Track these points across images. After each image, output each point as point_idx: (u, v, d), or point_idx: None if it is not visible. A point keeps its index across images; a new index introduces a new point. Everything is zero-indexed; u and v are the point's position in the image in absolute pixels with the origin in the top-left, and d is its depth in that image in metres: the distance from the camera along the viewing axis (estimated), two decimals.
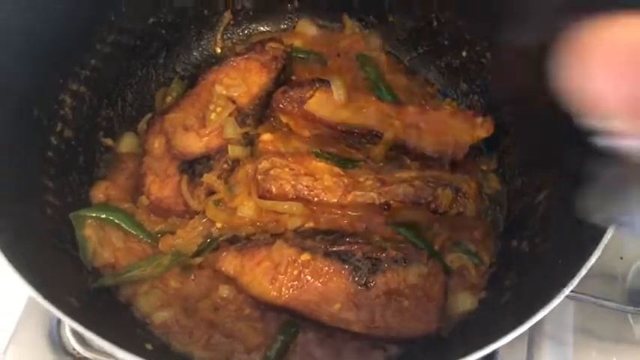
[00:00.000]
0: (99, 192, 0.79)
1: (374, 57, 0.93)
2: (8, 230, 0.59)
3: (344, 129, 0.80)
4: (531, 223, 0.72)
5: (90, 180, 0.80)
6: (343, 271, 0.68)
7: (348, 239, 0.71)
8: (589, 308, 0.74)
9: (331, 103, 0.80)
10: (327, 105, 0.80)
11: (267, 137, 0.81)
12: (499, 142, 0.83)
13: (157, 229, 0.76)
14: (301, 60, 0.92)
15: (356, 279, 0.68)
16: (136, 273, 0.72)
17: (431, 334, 0.68)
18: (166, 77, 0.91)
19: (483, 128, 0.80)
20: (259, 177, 0.76)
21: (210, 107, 0.80)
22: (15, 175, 0.67)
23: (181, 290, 0.73)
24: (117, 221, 0.74)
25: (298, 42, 0.94)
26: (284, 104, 0.81)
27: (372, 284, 0.67)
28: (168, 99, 0.88)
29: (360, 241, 0.71)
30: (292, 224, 0.75)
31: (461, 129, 0.80)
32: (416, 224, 0.75)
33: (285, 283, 0.68)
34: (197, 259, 0.74)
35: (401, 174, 0.76)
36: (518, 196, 0.79)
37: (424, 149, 0.79)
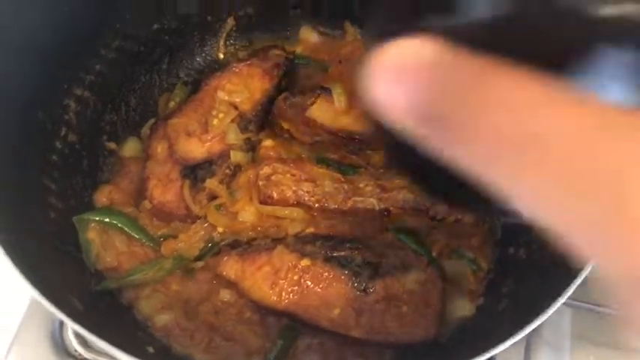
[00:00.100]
0: (102, 196, 0.79)
1: None
2: (12, 232, 0.60)
3: (345, 135, 0.81)
4: (528, 230, 0.73)
5: (93, 184, 0.81)
6: (343, 277, 0.68)
7: (348, 245, 0.71)
8: (586, 314, 0.74)
9: (332, 110, 0.81)
10: (328, 112, 0.81)
11: (268, 143, 0.82)
12: None
13: (160, 233, 0.77)
14: (303, 67, 0.92)
15: (355, 284, 0.68)
16: (139, 276, 0.73)
17: (429, 340, 0.68)
18: (169, 83, 0.92)
19: None
20: (261, 182, 0.76)
21: (212, 113, 0.81)
22: (19, 178, 0.68)
23: (183, 293, 0.74)
24: (120, 225, 0.75)
25: (300, 49, 0.94)
26: (286, 111, 0.82)
27: (372, 290, 0.68)
28: (171, 104, 0.89)
29: (360, 247, 0.71)
30: (293, 229, 0.75)
31: None
32: (415, 231, 0.75)
33: (285, 288, 0.69)
34: (199, 263, 0.75)
35: (401, 180, 0.76)
36: None
37: None
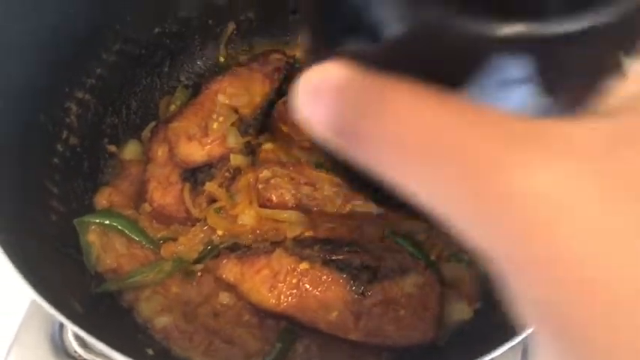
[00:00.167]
0: (103, 198, 0.80)
1: None
2: (13, 234, 0.60)
3: None
4: None
5: (94, 186, 0.81)
6: (341, 280, 0.69)
7: (347, 248, 0.72)
8: None
9: None
10: None
11: (268, 146, 0.82)
12: None
13: (160, 236, 0.77)
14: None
15: (353, 288, 0.69)
16: (139, 278, 0.73)
17: (427, 343, 0.68)
18: (170, 86, 0.92)
19: None
20: (260, 186, 0.77)
21: (212, 116, 0.81)
22: (21, 181, 0.69)
23: (182, 296, 0.74)
24: (120, 227, 0.75)
25: (300, 53, 0.95)
26: (286, 114, 0.83)
27: (370, 293, 0.69)
28: (172, 107, 0.89)
29: (358, 251, 0.72)
30: (292, 233, 0.76)
31: None
32: (413, 234, 0.76)
33: (283, 291, 0.69)
34: (198, 266, 0.75)
35: None
36: None
37: None
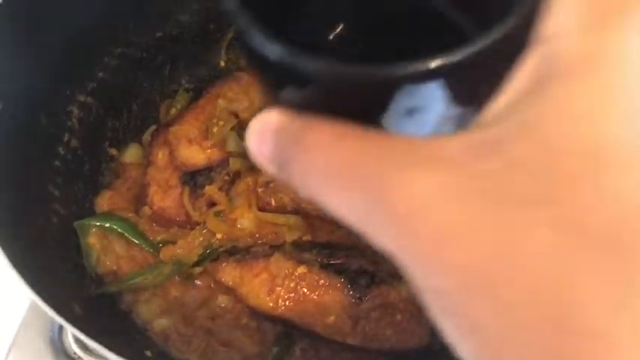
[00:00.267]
0: (103, 201, 0.80)
1: None
2: (13, 236, 0.61)
3: None
4: None
5: (95, 189, 0.82)
6: (339, 284, 0.69)
7: (345, 253, 0.72)
8: None
9: None
10: None
11: None
12: None
13: (159, 239, 0.78)
14: None
15: (351, 292, 0.69)
16: (138, 281, 0.74)
17: (423, 348, 0.69)
18: (171, 90, 0.92)
19: None
20: (259, 189, 0.77)
21: (213, 120, 0.82)
22: (22, 184, 0.69)
23: (181, 299, 0.75)
24: (120, 230, 0.76)
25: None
26: None
27: (367, 297, 0.69)
28: (172, 111, 0.89)
29: (356, 255, 0.72)
30: (290, 237, 0.76)
31: None
32: None
33: (281, 295, 0.69)
34: (197, 269, 0.75)
35: None
36: None
37: None
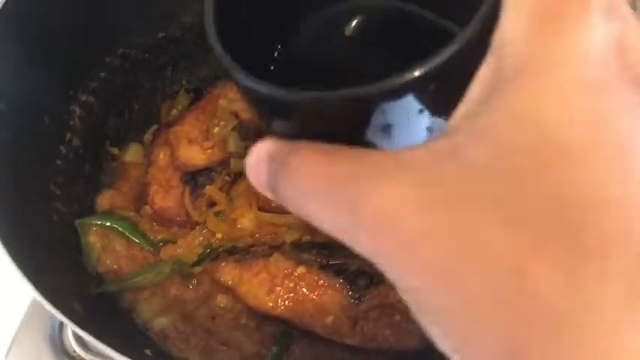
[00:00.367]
0: (104, 200, 0.81)
1: None
2: (15, 235, 0.61)
3: None
4: None
5: (96, 188, 0.82)
6: (338, 285, 0.70)
7: (344, 253, 0.72)
8: None
9: None
10: None
11: None
12: None
13: (159, 238, 0.78)
14: None
15: (350, 292, 0.69)
16: (138, 280, 0.74)
17: (422, 348, 0.69)
18: (172, 90, 0.93)
19: None
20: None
21: (214, 121, 0.82)
22: (24, 182, 0.70)
23: (181, 298, 0.75)
24: (121, 229, 0.76)
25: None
26: None
27: (366, 298, 0.69)
28: (173, 111, 0.90)
29: (355, 256, 0.72)
30: (290, 237, 0.76)
31: None
32: None
33: (281, 295, 0.70)
34: (197, 269, 0.76)
35: None
36: None
37: None
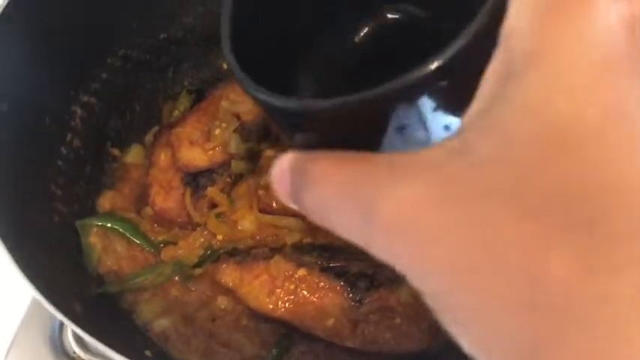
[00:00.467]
0: (105, 201, 0.81)
1: None
2: (16, 235, 0.61)
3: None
4: None
5: (97, 189, 0.82)
6: (338, 287, 0.70)
7: (344, 256, 0.73)
8: None
9: None
10: None
11: (269, 153, 0.82)
12: None
13: (160, 240, 0.78)
14: None
15: (351, 295, 0.69)
16: (139, 281, 0.74)
17: (422, 351, 0.69)
18: (174, 91, 0.93)
19: None
20: (261, 192, 0.77)
21: (215, 123, 0.82)
22: (25, 183, 0.70)
23: (181, 299, 0.75)
24: (121, 230, 0.76)
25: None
26: None
27: (367, 301, 0.69)
28: (175, 112, 0.90)
29: (356, 259, 0.72)
30: (291, 239, 0.76)
31: None
32: None
33: (281, 297, 0.70)
34: (197, 270, 0.76)
35: None
36: None
37: None
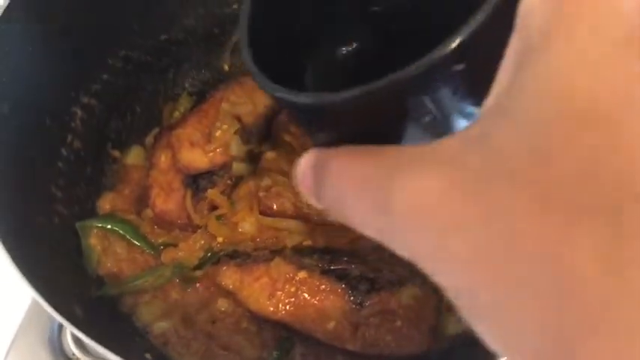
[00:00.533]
0: (105, 203, 0.81)
1: None
2: (15, 236, 0.61)
3: None
4: None
5: (97, 190, 0.82)
6: (339, 290, 0.69)
7: (345, 258, 0.72)
8: None
9: None
10: None
11: (270, 155, 0.82)
12: None
13: (160, 241, 0.78)
14: None
15: (351, 298, 0.69)
16: (139, 283, 0.74)
17: (423, 354, 0.69)
18: (175, 93, 0.93)
19: None
20: (261, 194, 0.77)
21: (216, 124, 0.82)
22: (26, 184, 0.70)
23: (181, 301, 0.75)
24: (122, 232, 0.76)
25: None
26: (288, 124, 0.83)
27: (367, 303, 0.69)
28: (175, 114, 0.90)
29: (357, 261, 0.72)
30: (291, 241, 0.76)
31: None
32: None
33: (282, 300, 0.70)
34: (198, 272, 0.76)
35: None
36: None
37: None
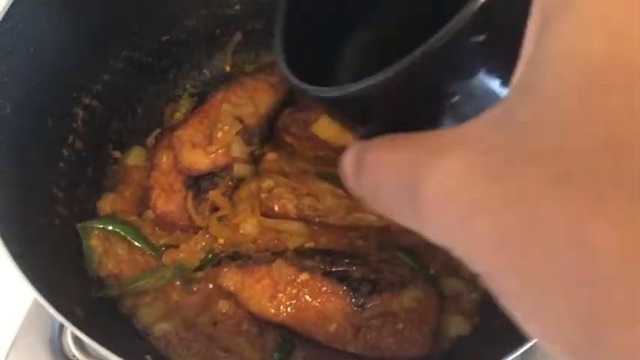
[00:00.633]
0: (106, 204, 0.80)
1: None
2: (17, 237, 0.61)
3: None
4: None
5: (98, 191, 0.82)
6: (341, 292, 0.69)
7: (347, 260, 0.72)
8: None
9: (335, 127, 0.82)
10: (332, 128, 0.82)
11: (272, 156, 0.82)
12: None
13: (161, 243, 0.78)
14: None
15: (353, 300, 0.69)
16: (139, 284, 0.74)
17: (424, 357, 0.69)
18: (176, 94, 0.93)
19: None
20: (262, 195, 0.77)
21: (217, 125, 0.82)
22: (27, 185, 0.70)
23: (182, 303, 0.75)
24: (122, 233, 0.76)
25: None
26: (290, 125, 0.83)
27: (369, 306, 0.69)
28: (177, 115, 0.90)
29: (359, 263, 0.72)
30: (293, 243, 0.76)
31: None
32: (413, 248, 0.76)
33: (283, 302, 0.69)
34: (199, 274, 0.75)
35: None
36: None
37: None
